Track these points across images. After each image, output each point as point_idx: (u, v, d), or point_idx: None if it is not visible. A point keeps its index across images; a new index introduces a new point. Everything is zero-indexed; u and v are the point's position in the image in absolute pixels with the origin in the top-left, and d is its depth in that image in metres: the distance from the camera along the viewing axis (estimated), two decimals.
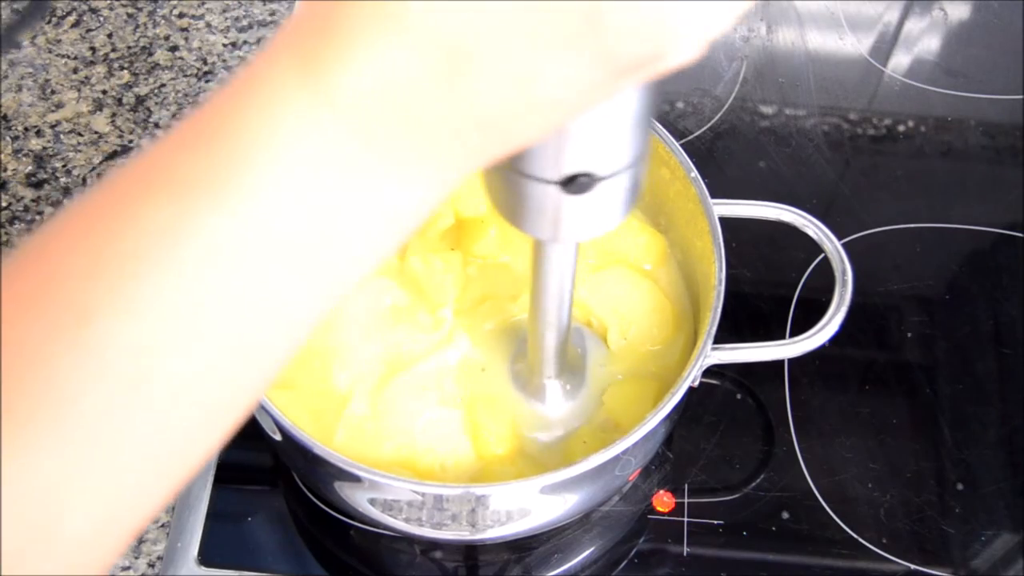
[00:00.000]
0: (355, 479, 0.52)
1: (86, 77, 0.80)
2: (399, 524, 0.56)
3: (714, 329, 0.54)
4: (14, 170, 0.75)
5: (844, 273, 0.59)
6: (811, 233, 0.61)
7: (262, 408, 0.52)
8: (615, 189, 0.37)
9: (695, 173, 0.60)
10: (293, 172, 0.26)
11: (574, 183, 0.36)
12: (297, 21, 0.27)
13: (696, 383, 0.55)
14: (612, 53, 0.26)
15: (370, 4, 0.25)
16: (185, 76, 0.80)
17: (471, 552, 0.62)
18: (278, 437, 0.54)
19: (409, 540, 0.62)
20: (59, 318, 0.26)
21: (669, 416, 0.53)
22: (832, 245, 0.60)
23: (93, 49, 0.81)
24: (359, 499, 0.55)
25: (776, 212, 0.61)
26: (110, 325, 0.26)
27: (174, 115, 0.78)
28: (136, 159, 0.28)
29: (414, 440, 0.57)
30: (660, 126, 0.61)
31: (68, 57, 0.81)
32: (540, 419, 0.58)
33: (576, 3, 0.25)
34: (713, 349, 0.56)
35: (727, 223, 0.59)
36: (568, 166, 0.35)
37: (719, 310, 0.55)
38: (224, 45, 0.82)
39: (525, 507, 0.54)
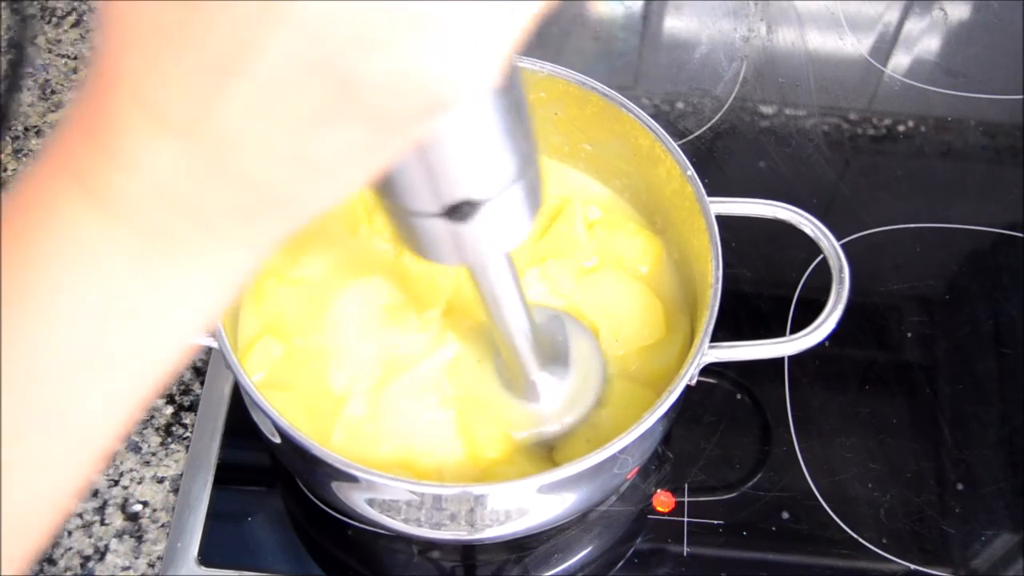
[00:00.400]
0: (353, 479, 0.52)
1: (86, 77, 0.80)
2: (397, 524, 0.56)
3: (711, 328, 0.54)
4: (14, 170, 0.75)
5: (841, 271, 0.59)
6: (807, 231, 0.61)
7: (260, 410, 0.52)
8: (507, 205, 0.37)
9: (691, 171, 0.59)
10: (80, 281, 0.27)
11: (458, 211, 0.35)
12: (67, 128, 0.27)
13: (694, 381, 0.55)
14: (378, 113, 0.25)
15: (129, 105, 0.25)
16: None
17: (469, 552, 0.62)
18: (277, 440, 0.54)
19: (408, 540, 0.62)
20: None
21: (666, 415, 0.53)
22: (829, 243, 0.60)
23: (93, 49, 0.81)
24: (357, 499, 0.55)
25: (773, 210, 0.61)
26: None
27: None
28: None
29: (413, 442, 0.57)
30: (656, 124, 0.61)
31: (68, 57, 0.81)
32: (536, 416, 0.58)
33: (327, 75, 0.24)
34: (710, 348, 0.56)
35: (728, 222, 0.59)
36: (445, 197, 0.35)
37: (716, 308, 0.55)
38: None
39: (523, 507, 0.54)
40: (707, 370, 0.58)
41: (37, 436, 0.28)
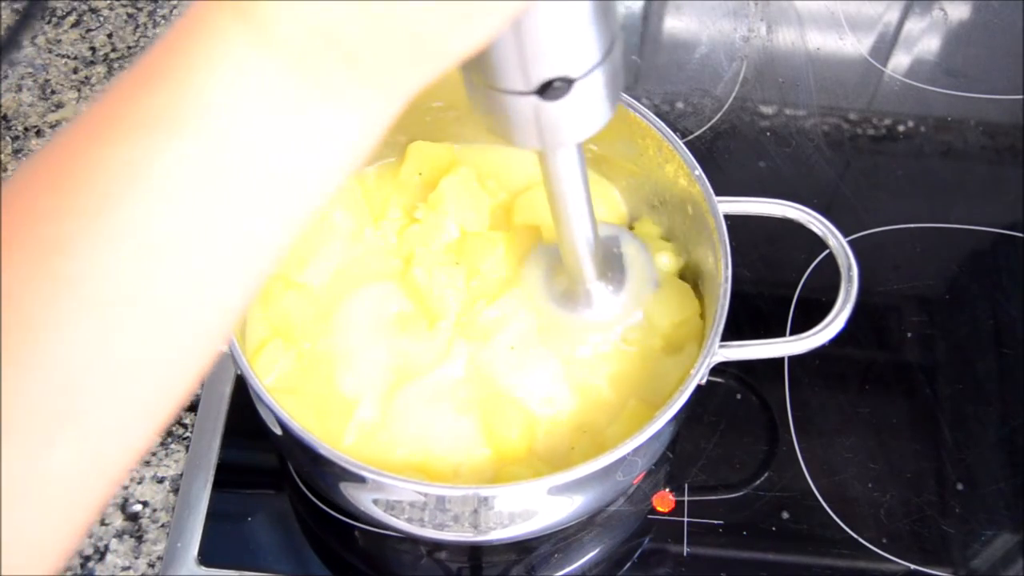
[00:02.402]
0: (359, 479, 0.52)
1: (86, 77, 0.80)
2: (402, 524, 0.56)
3: (721, 327, 0.54)
4: (14, 170, 0.75)
5: (849, 269, 0.59)
6: (816, 230, 0.61)
7: (267, 407, 0.52)
8: (594, 86, 0.38)
9: (699, 171, 0.59)
10: (238, 107, 0.28)
11: (549, 90, 0.36)
12: None
13: (704, 381, 0.55)
14: None
15: None
16: None
17: (474, 552, 0.62)
18: (279, 431, 0.54)
19: (412, 540, 0.62)
20: (36, 254, 0.27)
21: (677, 416, 0.53)
22: (837, 241, 0.60)
23: (93, 49, 0.81)
24: (363, 499, 0.55)
25: (781, 209, 0.61)
26: (84, 257, 0.27)
27: None
28: (95, 103, 0.29)
29: (428, 446, 0.57)
30: (663, 124, 0.61)
31: (68, 57, 0.81)
32: (589, 326, 0.59)
33: None
34: (720, 347, 0.56)
35: (728, 223, 0.59)
36: (538, 74, 0.36)
37: (726, 307, 0.55)
38: None
39: (529, 509, 0.54)
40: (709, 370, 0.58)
41: (201, 258, 0.28)
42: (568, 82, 0.36)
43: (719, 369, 0.68)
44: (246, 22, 0.27)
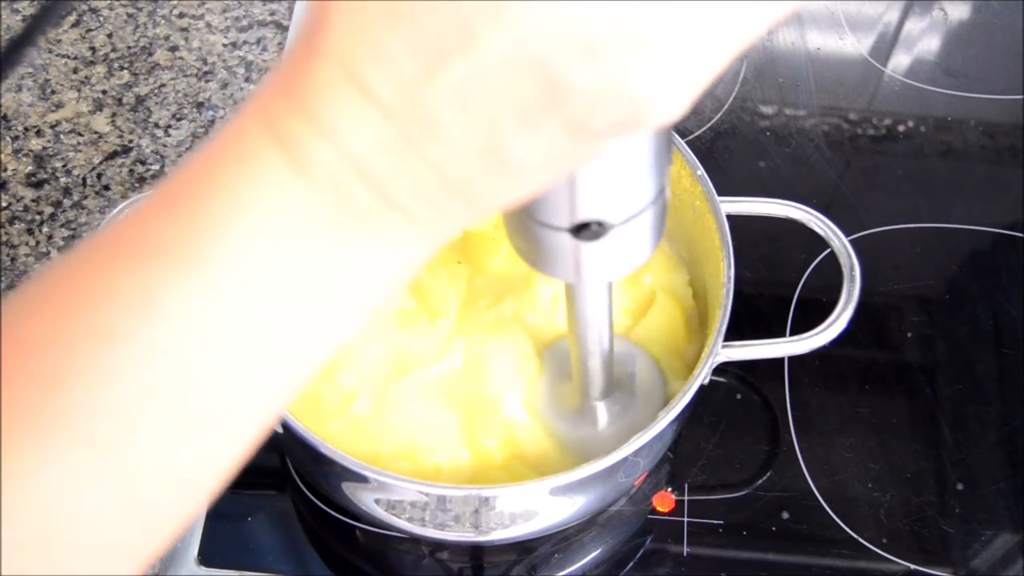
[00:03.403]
0: (362, 479, 0.52)
1: (86, 77, 0.80)
2: (403, 524, 0.56)
3: (724, 326, 0.54)
4: (14, 170, 0.75)
5: (852, 269, 0.59)
6: (819, 230, 0.60)
7: None
8: (634, 231, 0.36)
9: (701, 171, 0.59)
10: (266, 241, 0.26)
11: (587, 230, 0.35)
12: (268, 85, 0.27)
13: (707, 381, 0.55)
14: (580, 122, 0.25)
15: (337, 75, 0.25)
16: (185, 76, 0.80)
17: (476, 553, 0.62)
18: (279, 428, 0.54)
19: (413, 541, 0.62)
20: (34, 385, 0.26)
21: (679, 417, 0.53)
22: (840, 241, 0.60)
23: (93, 49, 0.81)
24: (365, 499, 0.55)
25: (783, 209, 0.61)
26: (83, 391, 0.26)
27: (174, 115, 0.78)
28: (115, 225, 0.28)
29: (415, 438, 0.57)
30: None
31: (68, 57, 0.81)
32: (588, 442, 0.57)
33: (539, 75, 0.24)
34: (723, 347, 0.56)
35: (729, 222, 0.59)
36: (579, 215, 0.34)
37: (729, 307, 0.55)
38: (224, 45, 0.82)
39: (530, 509, 0.54)
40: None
41: (206, 401, 0.27)
42: (607, 226, 0.35)
43: (720, 369, 0.68)
44: (284, 150, 0.26)
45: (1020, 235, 0.76)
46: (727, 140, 0.80)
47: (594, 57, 0.24)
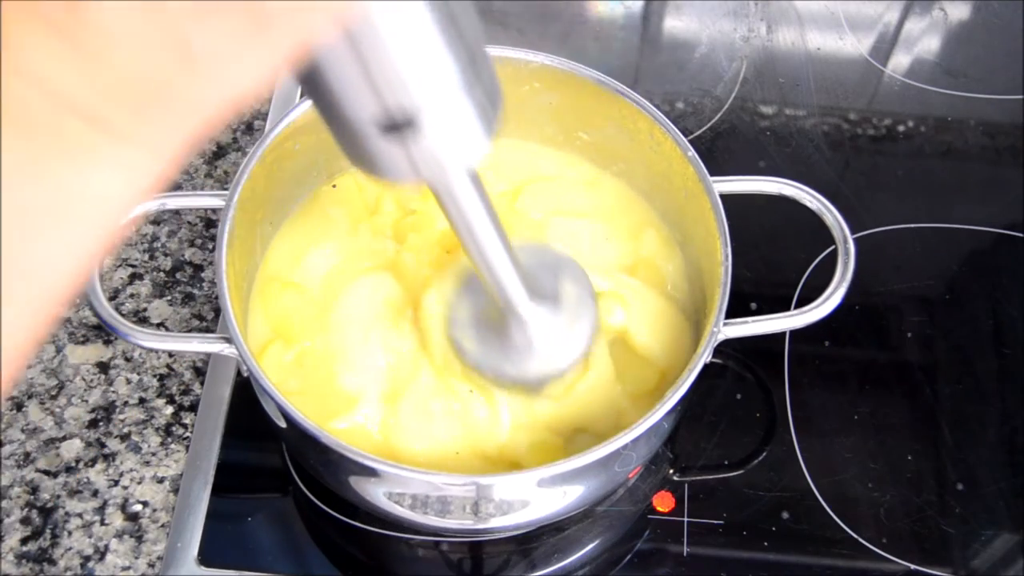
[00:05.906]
0: (369, 471, 0.52)
1: None
2: (404, 512, 0.55)
3: (724, 304, 0.54)
4: None
5: (846, 242, 0.58)
6: (811, 206, 0.60)
7: (268, 396, 0.52)
8: (456, 119, 0.35)
9: (692, 152, 0.59)
10: None
11: (403, 125, 0.34)
12: None
13: (709, 359, 0.55)
14: (255, 5, 0.25)
15: (8, 3, 0.25)
16: None
17: (475, 549, 0.62)
18: (283, 424, 0.54)
19: (412, 541, 0.62)
20: None
21: (676, 408, 0.53)
22: (833, 217, 0.59)
23: None
24: (372, 491, 0.55)
25: (777, 187, 0.61)
26: None
27: None
28: None
29: (423, 436, 0.57)
30: (653, 107, 0.61)
31: None
32: (532, 361, 0.55)
33: None
34: (724, 324, 0.55)
35: (727, 224, 0.59)
36: (388, 111, 0.33)
37: (728, 285, 0.55)
38: None
39: (524, 499, 0.54)
40: (708, 370, 0.58)
41: None
42: (417, 120, 0.34)
43: (719, 369, 0.68)
44: None
45: (1020, 235, 0.76)
46: (727, 140, 0.81)
47: None
